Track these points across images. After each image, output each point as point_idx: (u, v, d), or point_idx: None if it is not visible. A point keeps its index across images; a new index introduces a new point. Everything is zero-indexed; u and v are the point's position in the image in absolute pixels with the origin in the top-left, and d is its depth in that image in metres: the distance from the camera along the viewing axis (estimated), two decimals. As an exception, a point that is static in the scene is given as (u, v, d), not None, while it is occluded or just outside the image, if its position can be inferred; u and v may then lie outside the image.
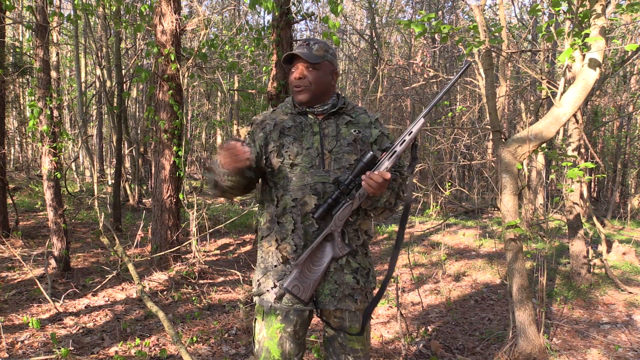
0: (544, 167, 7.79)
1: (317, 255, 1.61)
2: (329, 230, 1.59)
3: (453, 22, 14.12)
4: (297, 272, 1.60)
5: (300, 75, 1.66)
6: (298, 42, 1.72)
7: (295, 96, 1.70)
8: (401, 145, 1.60)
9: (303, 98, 1.68)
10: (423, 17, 3.22)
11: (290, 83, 1.70)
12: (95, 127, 14.41)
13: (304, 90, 1.67)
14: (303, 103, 1.69)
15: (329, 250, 1.61)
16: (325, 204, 1.58)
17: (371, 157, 1.56)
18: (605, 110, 13.54)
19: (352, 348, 1.72)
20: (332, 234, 1.60)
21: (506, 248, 3.01)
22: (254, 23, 16.90)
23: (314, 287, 1.61)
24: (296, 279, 1.60)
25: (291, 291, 1.60)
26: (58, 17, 5.38)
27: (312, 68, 1.66)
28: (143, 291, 3.23)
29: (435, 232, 7.64)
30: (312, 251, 1.60)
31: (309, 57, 1.64)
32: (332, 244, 1.61)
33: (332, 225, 1.59)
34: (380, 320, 3.92)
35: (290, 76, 1.70)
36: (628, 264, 5.43)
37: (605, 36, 2.88)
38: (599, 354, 3.21)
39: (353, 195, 1.59)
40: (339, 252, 1.61)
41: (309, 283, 1.60)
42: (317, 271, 1.60)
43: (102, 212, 6.27)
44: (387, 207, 1.68)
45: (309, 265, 1.60)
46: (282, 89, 5.63)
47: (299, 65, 1.67)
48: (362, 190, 1.58)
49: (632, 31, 10.87)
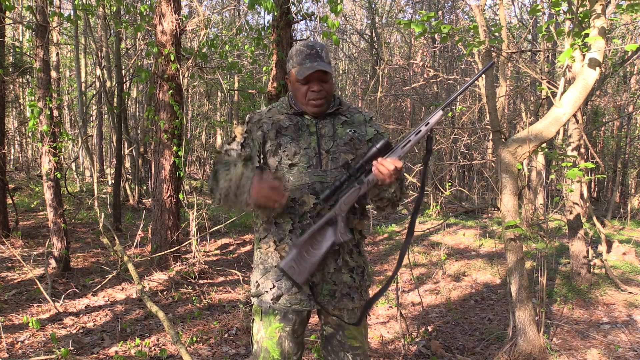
0: (544, 167, 7.79)
1: (318, 238, 1.56)
2: (332, 213, 1.56)
3: (453, 22, 14.12)
4: (295, 252, 1.56)
5: (318, 87, 1.61)
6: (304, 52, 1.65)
7: (311, 109, 1.64)
8: (416, 135, 1.55)
9: (321, 110, 1.65)
10: (423, 16, 3.23)
11: (304, 94, 1.63)
12: (95, 127, 14.41)
13: (323, 103, 1.64)
14: (318, 115, 1.66)
15: (331, 234, 1.56)
16: (333, 186, 1.55)
17: (385, 143, 1.52)
18: (605, 110, 13.53)
19: (350, 346, 1.72)
20: (335, 218, 1.56)
21: (506, 248, 3.01)
22: (254, 23, 16.89)
23: (310, 271, 1.56)
24: (293, 260, 1.56)
25: (287, 272, 1.55)
26: (58, 17, 5.38)
27: (327, 79, 1.63)
28: (143, 291, 3.23)
29: (435, 232, 7.63)
30: (313, 233, 1.56)
31: (329, 69, 1.60)
32: (335, 229, 1.56)
33: (336, 209, 1.55)
34: (380, 320, 3.92)
35: (302, 87, 1.62)
36: (628, 264, 5.42)
37: (605, 36, 2.88)
38: (599, 354, 3.21)
39: (362, 180, 1.55)
40: (340, 238, 1.56)
41: (305, 266, 1.55)
42: (315, 254, 1.56)
43: (102, 212, 6.27)
44: (393, 200, 1.64)
45: (307, 247, 1.56)
46: (282, 89, 5.62)
47: (315, 77, 1.60)
48: (371, 177, 1.54)
49: (632, 31, 10.87)
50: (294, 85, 1.66)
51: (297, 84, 1.63)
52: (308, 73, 1.57)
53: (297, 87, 1.64)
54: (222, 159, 1.68)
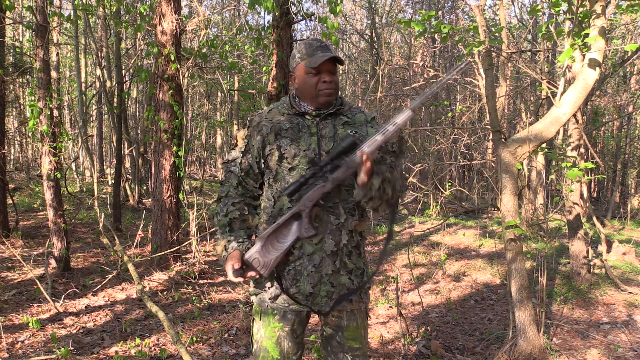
0: (544, 167, 7.79)
1: (283, 232, 1.60)
2: (297, 209, 1.58)
3: (453, 22, 14.12)
4: (259, 245, 1.61)
5: (330, 77, 1.63)
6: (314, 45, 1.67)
7: (320, 98, 1.64)
8: (383, 135, 1.53)
9: (332, 100, 1.66)
10: (423, 16, 3.22)
11: (314, 85, 1.63)
12: (95, 127, 14.41)
13: (334, 92, 1.65)
14: (328, 105, 1.67)
15: (295, 229, 1.59)
16: (297, 182, 1.58)
17: (350, 142, 1.54)
18: (605, 110, 13.53)
19: (350, 347, 1.72)
20: (300, 213, 1.59)
21: (506, 248, 3.01)
22: (254, 23, 16.89)
23: (274, 264, 1.60)
24: (257, 252, 1.61)
25: (251, 263, 1.60)
26: (58, 17, 5.38)
27: (335, 70, 1.65)
28: (143, 291, 3.23)
29: (435, 232, 7.63)
30: (277, 227, 1.60)
31: (340, 58, 1.63)
32: (299, 224, 1.59)
33: (300, 205, 1.58)
34: (380, 320, 3.92)
35: (312, 79, 1.63)
36: (628, 264, 5.42)
37: (605, 36, 2.88)
38: (599, 354, 3.21)
39: (327, 178, 1.57)
40: (304, 233, 1.58)
41: (270, 258, 1.60)
42: (279, 248, 1.60)
43: (102, 212, 6.27)
44: (384, 199, 1.62)
45: (273, 241, 1.60)
46: (282, 89, 5.62)
47: (326, 67, 1.63)
48: (336, 174, 1.56)
49: (632, 31, 10.87)
50: (302, 79, 1.65)
51: (307, 76, 1.64)
52: (322, 61, 1.59)
53: (306, 80, 1.64)
54: (229, 167, 1.75)
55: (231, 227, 1.71)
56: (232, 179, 1.74)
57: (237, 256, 1.62)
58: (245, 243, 1.67)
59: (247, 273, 1.60)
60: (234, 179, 1.74)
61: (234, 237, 1.69)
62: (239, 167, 1.73)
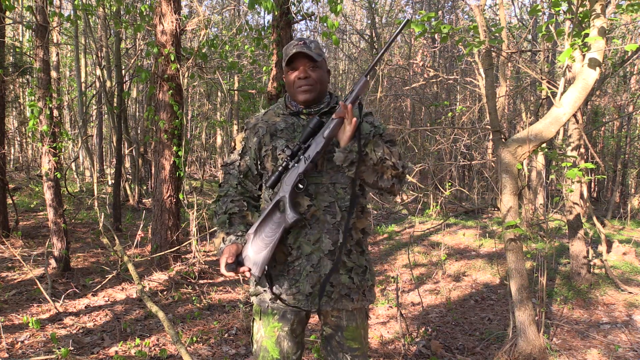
0: (544, 167, 7.79)
1: (270, 225, 1.60)
2: (278, 196, 1.59)
3: (453, 22, 14.12)
4: (249, 242, 1.60)
5: (304, 74, 1.64)
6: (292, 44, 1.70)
7: (298, 96, 1.66)
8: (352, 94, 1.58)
9: (310, 97, 1.66)
10: (423, 16, 3.22)
11: (292, 83, 1.66)
12: (95, 127, 14.40)
13: (311, 89, 1.65)
14: (307, 102, 1.67)
15: (281, 220, 1.59)
16: (277, 172, 1.60)
17: (317, 122, 1.58)
18: (605, 110, 13.52)
19: (349, 347, 1.72)
20: (282, 201, 1.59)
21: (506, 248, 3.01)
22: (254, 23, 16.90)
23: (265, 262, 1.57)
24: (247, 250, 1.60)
25: (242, 260, 1.59)
26: (58, 17, 5.38)
27: (314, 66, 1.65)
28: (143, 291, 3.23)
29: (435, 232, 7.63)
30: (264, 221, 1.60)
31: (314, 55, 1.62)
32: (284, 213, 1.58)
33: (280, 190, 1.59)
34: (380, 320, 3.92)
35: (290, 76, 1.66)
36: (628, 264, 5.42)
37: (605, 36, 2.88)
38: (599, 354, 3.21)
39: (299, 159, 1.58)
40: (288, 220, 1.57)
41: (260, 256, 1.58)
42: (268, 242, 1.58)
43: (102, 212, 6.27)
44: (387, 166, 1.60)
45: (261, 236, 1.59)
46: (282, 89, 5.62)
47: (301, 64, 1.64)
48: (307, 152, 1.57)
49: (632, 31, 10.87)
50: (286, 78, 1.70)
51: (287, 74, 1.68)
52: (291, 54, 1.62)
53: (287, 78, 1.69)
54: (228, 170, 1.76)
55: (230, 222, 1.70)
56: (231, 180, 1.74)
57: (232, 250, 1.60)
58: (243, 237, 1.66)
59: (240, 269, 1.57)
60: (233, 180, 1.74)
61: (233, 231, 1.67)
62: (238, 170, 1.74)
